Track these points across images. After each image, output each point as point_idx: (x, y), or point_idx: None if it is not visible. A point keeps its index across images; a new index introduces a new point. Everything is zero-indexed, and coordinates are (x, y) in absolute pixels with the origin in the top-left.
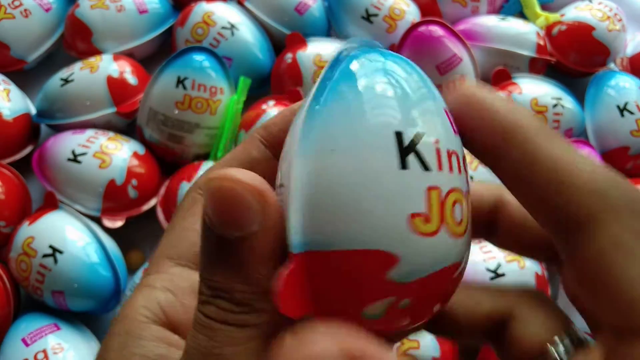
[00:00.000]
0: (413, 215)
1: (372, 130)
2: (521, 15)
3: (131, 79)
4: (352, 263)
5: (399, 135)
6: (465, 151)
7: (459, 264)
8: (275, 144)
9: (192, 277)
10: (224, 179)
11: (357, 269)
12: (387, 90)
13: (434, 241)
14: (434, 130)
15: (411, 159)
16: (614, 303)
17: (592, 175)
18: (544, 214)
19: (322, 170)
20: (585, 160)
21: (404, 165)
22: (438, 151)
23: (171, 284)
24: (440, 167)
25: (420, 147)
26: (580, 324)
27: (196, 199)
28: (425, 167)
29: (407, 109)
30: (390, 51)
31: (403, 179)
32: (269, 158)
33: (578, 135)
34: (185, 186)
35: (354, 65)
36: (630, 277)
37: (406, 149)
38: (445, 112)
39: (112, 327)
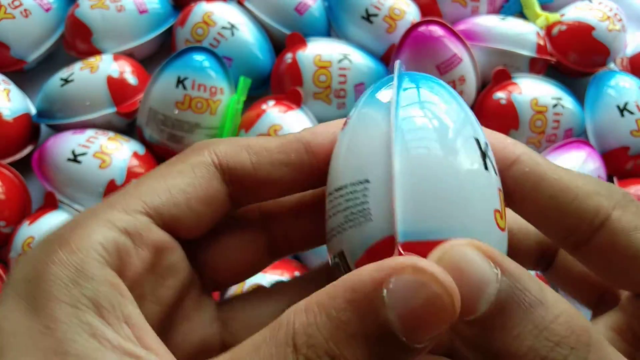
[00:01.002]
0: (495, 211)
1: (459, 135)
2: (521, 15)
3: (131, 79)
4: None
5: (477, 141)
6: None
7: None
8: (318, 152)
9: (157, 235)
10: (426, 275)
11: None
12: (458, 106)
13: (505, 234)
14: (484, 137)
15: (487, 162)
16: None
17: (588, 181)
18: (552, 219)
19: (422, 168)
20: (579, 173)
21: (486, 167)
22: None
23: (134, 230)
24: (495, 169)
25: (488, 152)
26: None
27: (204, 161)
28: (494, 170)
29: (471, 120)
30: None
31: (487, 179)
32: (303, 164)
33: (578, 135)
34: None
35: (424, 85)
36: None
37: (483, 154)
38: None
39: (57, 248)
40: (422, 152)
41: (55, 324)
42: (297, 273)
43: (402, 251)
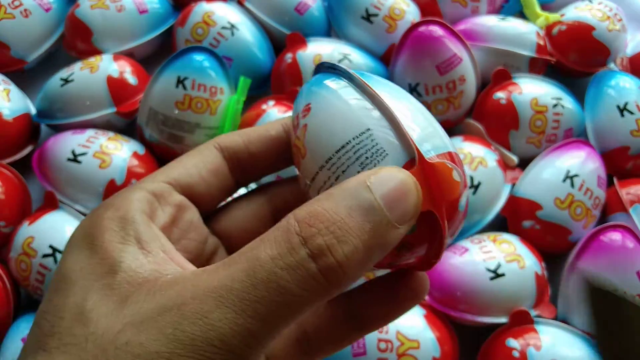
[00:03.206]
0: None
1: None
2: (521, 15)
3: (131, 79)
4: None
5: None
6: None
7: None
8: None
9: (176, 197)
10: (404, 173)
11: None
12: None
13: None
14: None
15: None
16: None
17: None
18: None
19: (406, 106)
20: None
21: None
22: None
23: (159, 193)
24: None
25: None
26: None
27: (208, 146)
28: None
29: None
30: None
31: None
32: (282, 139)
33: (578, 135)
34: None
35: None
36: None
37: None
38: None
39: (105, 210)
40: (397, 95)
41: (108, 255)
42: None
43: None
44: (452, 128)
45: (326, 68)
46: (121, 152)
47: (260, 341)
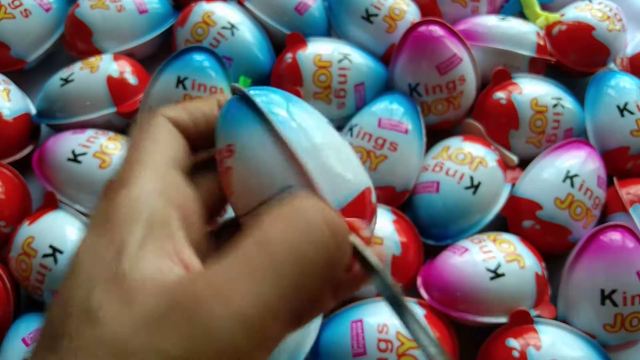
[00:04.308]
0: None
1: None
2: (521, 15)
3: (131, 79)
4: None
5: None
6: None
7: None
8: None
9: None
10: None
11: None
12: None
13: None
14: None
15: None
16: None
17: None
18: None
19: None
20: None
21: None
22: None
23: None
24: None
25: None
26: None
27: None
28: None
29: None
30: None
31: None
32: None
33: (578, 135)
34: None
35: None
36: None
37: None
38: None
39: (118, 188)
40: (310, 134)
41: (116, 236)
42: None
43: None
44: (452, 128)
45: (242, 97)
46: (121, 152)
47: (277, 314)
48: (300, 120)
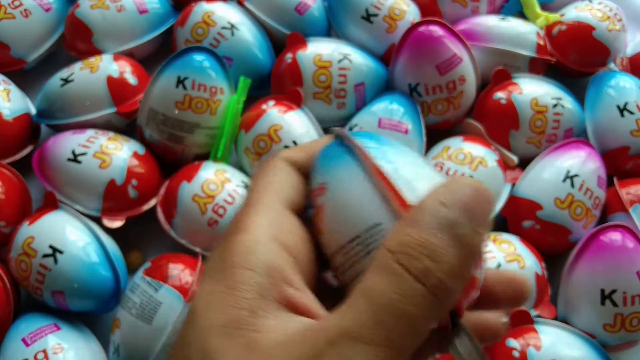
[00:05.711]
0: None
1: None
2: (521, 15)
3: (131, 79)
4: None
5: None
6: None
7: None
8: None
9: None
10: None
11: None
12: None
13: None
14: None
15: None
16: None
17: None
18: None
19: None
20: None
21: None
22: None
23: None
24: None
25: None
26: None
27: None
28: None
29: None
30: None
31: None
32: None
33: (578, 135)
34: (185, 186)
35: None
36: None
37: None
38: None
39: (234, 235)
40: (404, 171)
41: (234, 284)
42: None
43: None
44: (452, 128)
45: (338, 138)
46: (121, 152)
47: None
48: (393, 158)
